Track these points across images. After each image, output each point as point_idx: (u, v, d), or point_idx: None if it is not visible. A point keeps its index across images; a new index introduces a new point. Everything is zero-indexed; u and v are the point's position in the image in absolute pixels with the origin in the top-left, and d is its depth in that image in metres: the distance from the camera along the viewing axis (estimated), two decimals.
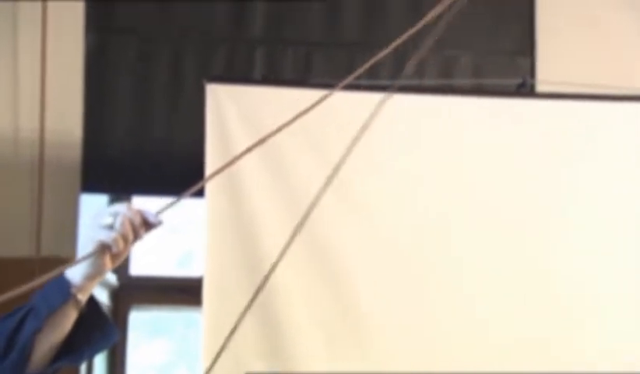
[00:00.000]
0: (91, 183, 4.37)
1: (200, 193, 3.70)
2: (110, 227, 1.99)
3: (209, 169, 3.65)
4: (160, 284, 4.61)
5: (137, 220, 2.03)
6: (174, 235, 4.84)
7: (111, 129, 4.43)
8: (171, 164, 4.36)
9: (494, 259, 3.79)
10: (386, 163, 3.80)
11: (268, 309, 3.60)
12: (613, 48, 4.74)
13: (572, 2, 4.75)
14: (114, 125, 4.44)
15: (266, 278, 2.72)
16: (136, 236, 2.03)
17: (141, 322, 4.66)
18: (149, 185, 4.41)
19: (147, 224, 2.06)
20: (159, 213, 2.08)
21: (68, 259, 2.07)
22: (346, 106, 3.69)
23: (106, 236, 1.99)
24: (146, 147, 4.42)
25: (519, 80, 4.32)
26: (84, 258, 1.99)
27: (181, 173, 4.19)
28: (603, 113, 3.95)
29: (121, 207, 2.03)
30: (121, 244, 2.00)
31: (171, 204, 2.08)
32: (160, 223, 2.07)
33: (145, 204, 4.67)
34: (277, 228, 3.58)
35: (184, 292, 4.36)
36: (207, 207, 3.72)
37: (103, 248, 1.99)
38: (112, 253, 2.01)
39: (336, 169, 2.75)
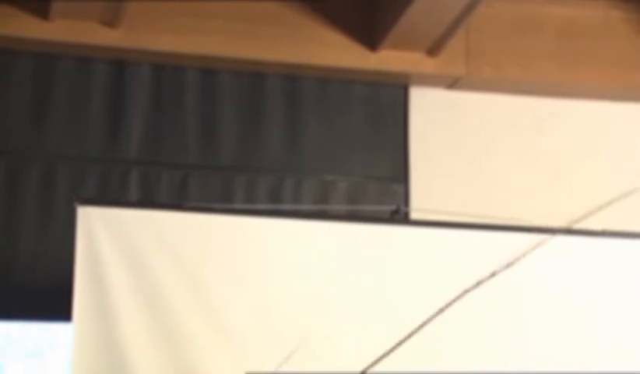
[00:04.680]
0: None
1: (68, 317, 3.58)
2: None
3: (77, 293, 3.54)
4: None
5: None
6: (39, 360, 4.64)
7: None
8: (37, 288, 4.22)
9: None
10: (260, 288, 3.75)
11: None
12: (485, 178, 4.89)
13: (444, 134, 4.90)
14: None
15: None
16: None
17: None
18: (12, 309, 4.25)
19: None
20: None
21: None
22: (221, 231, 3.66)
23: None
24: (12, 271, 4.28)
25: (393, 207, 4.38)
26: None
27: (48, 298, 4.06)
28: (474, 241, 4.02)
29: None
30: None
31: None
32: None
33: (8, 329, 4.53)
34: (147, 355, 3.48)
35: None
36: (74, 332, 3.59)
37: None
38: None
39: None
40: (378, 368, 3.42)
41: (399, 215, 4.33)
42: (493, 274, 3.15)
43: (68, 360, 3.61)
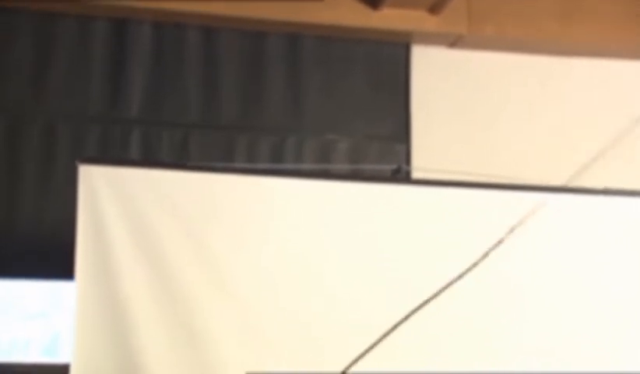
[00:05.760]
0: None
1: (70, 276, 3.59)
2: None
3: (80, 252, 3.55)
4: (24, 371, 4.41)
5: None
6: (42, 320, 4.66)
7: None
8: (40, 246, 4.23)
9: (359, 343, 3.78)
10: (262, 247, 3.76)
11: None
12: (486, 137, 4.88)
13: (446, 93, 4.89)
14: None
15: None
16: None
17: None
18: (15, 268, 4.27)
19: None
20: None
21: None
22: (223, 190, 3.66)
23: None
24: (14, 230, 4.29)
25: (395, 166, 4.38)
26: None
27: (51, 256, 4.07)
28: (475, 200, 4.02)
29: None
30: None
31: None
32: None
33: (11, 288, 4.55)
34: (149, 315, 3.49)
35: None
36: (77, 291, 3.60)
37: None
38: None
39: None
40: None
41: (400, 174, 4.33)
42: (500, 242, 3.17)
43: (72, 318, 3.62)
